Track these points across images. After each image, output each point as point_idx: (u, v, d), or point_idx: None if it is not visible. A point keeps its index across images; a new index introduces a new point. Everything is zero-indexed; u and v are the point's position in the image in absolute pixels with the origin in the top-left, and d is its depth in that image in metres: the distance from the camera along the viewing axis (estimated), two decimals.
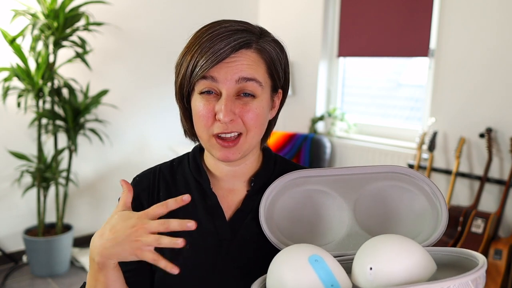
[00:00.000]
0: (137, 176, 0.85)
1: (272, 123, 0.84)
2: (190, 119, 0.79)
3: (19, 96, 2.49)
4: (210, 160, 0.83)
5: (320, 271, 0.60)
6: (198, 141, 0.82)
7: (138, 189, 0.81)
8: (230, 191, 0.83)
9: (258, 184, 0.82)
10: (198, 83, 0.73)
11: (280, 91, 0.81)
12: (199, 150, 0.86)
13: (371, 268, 0.60)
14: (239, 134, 0.74)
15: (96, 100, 2.70)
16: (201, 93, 0.73)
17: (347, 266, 0.68)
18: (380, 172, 0.80)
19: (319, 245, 0.74)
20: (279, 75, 0.79)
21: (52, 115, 2.56)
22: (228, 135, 0.73)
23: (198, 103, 0.74)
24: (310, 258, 0.61)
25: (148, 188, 0.82)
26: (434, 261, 0.64)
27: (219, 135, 0.73)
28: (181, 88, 0.76)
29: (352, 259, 0.69)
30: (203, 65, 0.71)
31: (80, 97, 2.78)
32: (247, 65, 0.73)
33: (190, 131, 0.82)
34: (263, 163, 0.85)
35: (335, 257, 0.69)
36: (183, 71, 0.75)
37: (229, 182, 0.83)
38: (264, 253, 0.76)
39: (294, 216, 0.79)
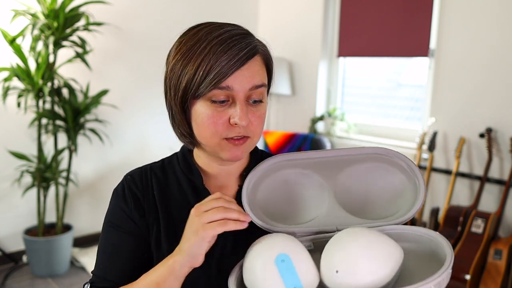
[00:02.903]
0: (128, 174, 0.85)
1: None
2: (188, 122, 0.78)
3: (19, 96, 2.49)
4: (202, 159, 0.84)
5: (285, 272, 0.63)
6: (196, 145, 0.81)
7: (132, 186, 0.82)
8: (222, 188, 0.85)
9: None
10: (211, 92, 0.72)
11: None
12: (188, 149, 0.86)
13: (337, 271, 0.63)
14: (246, 137, 0.76)
15: (96, 100, 2.70)
16: (213, 101, 0.73)
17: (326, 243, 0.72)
18: (359, 154, 0.82)
19: (301, 223, 0.78)
20: (272, 77, 0.82)
21: (52, 115, 2.56)
22: (239, 137, 0.75)
23: (206, 110, 0.73)
24: (277, 258, 0.64)
25: (142, 185, 0.83)
26: (401, 248, 0.66)
27: (230, 138, 0.74)
28: (185, 93, 0.74)
29: (331, 236, 0.72)
30: (218, 70, 0.70)
31: (80, 97, 2.78)
32: (257, 72, 0.74)
33: (189, 135, 0.79)
34: (251, 159, 0.87)
35: (317, 233, 0.75)
36: (188, 75, 0.72)
37: (221, 180, 0.85)
38: None
39: (276, 198, 0.82)
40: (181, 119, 0.78)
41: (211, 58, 0.70)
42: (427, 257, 0.69)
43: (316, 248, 0.74)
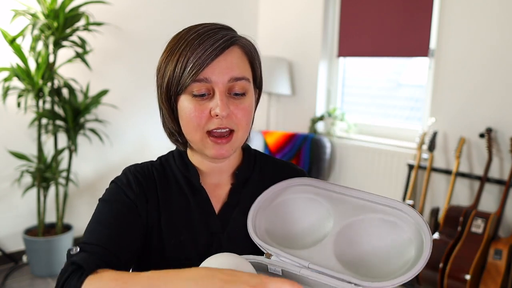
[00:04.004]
0: (132, 166, 0.85)
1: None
2: (177, 121, 0.79)
3: (19, 96, 2.49)
4: (195, 157, 0.85)
5: None
6: (184, 145, 0.82)
7: (138, 175, 0.82)
8: (215, 185, 0.85)
9: (242, 177, 0.86)
10: (191, 86, 0.73)
11: (256, 90, 0.84)
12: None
13: None
14: (231, 131, 0.76)
15: (96, 100, 2.70)
16: (195, 95, 0.74)
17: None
18: (380, 203, 0.80)
19: (289, 247, 0.78)
20: (258, 72, 0.82)
21: (52, 115, 2.56)
22: (223, 130, 0.74)
23: (188, 104, 0.74)
24: None
25: (145, 178, 0.83)
26: None
27: (214, 131, 0.74)
28: (168, 90, 0.76)
29: (296, 271, 0.73)
30: (195, 62, 0.71)
31: (80, 97, 2.78)
32: (236, 63, 0.75)
33: (177, 133, 0.80)
34: (244, 158, 0.88)
35: (289, 261, 0.75)
36: (169, 72, 0.74)
37: (214, 177, 0.85)
38: (253, 244, 0.80)
39: (284, 215, 0.83)
40: (169, 117, 0.79)
41: (188, 51, 0.72)
42: None
43: (285, 276, 0.74)
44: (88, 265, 0.66)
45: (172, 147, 0.90)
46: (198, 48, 0.72)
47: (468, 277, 2.18)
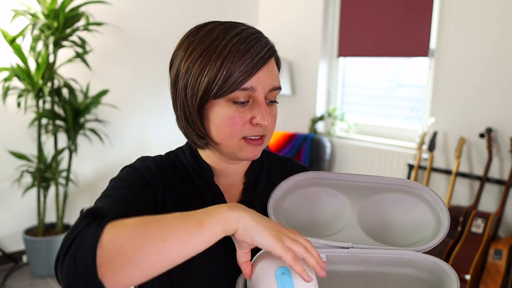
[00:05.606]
0: (149, 157, 0.82)
1: None
2: (202, 124, 0.77)
3: (19, 96, 2.49)
4: (211, 157, 0.84)
5: (283, 286, 0.62)
6: (210, 146, 0.80)
7: (158, 164, 0.80)
8: (229, 186, 0.86)
9: (253, 177, 0.87)
10: (234, 93, 0.71)
11: None
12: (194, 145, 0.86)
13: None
14: (263, 136, 0.77)
15: (96, 100, 2.70)
16: (235, 102, 0.73)
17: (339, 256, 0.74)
18: (389, 184, 0.85)
19: (319, 236, 0.80)
20: None
21: (52, 115, 2.56)
22: (258, 136, 0.76)
23: (228, 111, 0.73)
24: (277, 270, 0.63)
25: (165, 168, 0.81)
26: None
27: (250, 137, 0.75)
28: (205, 94, 0.72)
29: (345, 251, 0.77)
30: (242, 69, 0.70)
31: (80, 97, 2.78)
32: (275, 72, 0.76)
33: (207, 135, 0.77)
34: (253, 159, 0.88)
35: (332, 247, 0.77)
36: (208, 75, 0.71)
37: (227, 178, 0.85)
38: None
39: (300, 210, 0.86)
40: (197, 120, 0.76)
41: (235, 56, 0.70)
42: (434, 287, 0.71)
43: (329, 261, 0.76)
44: (109, 210, 0.60)
45: (173, 146, 0.90)
46: (246, 55, 0.70)
47: (468, 277, 2.18)
